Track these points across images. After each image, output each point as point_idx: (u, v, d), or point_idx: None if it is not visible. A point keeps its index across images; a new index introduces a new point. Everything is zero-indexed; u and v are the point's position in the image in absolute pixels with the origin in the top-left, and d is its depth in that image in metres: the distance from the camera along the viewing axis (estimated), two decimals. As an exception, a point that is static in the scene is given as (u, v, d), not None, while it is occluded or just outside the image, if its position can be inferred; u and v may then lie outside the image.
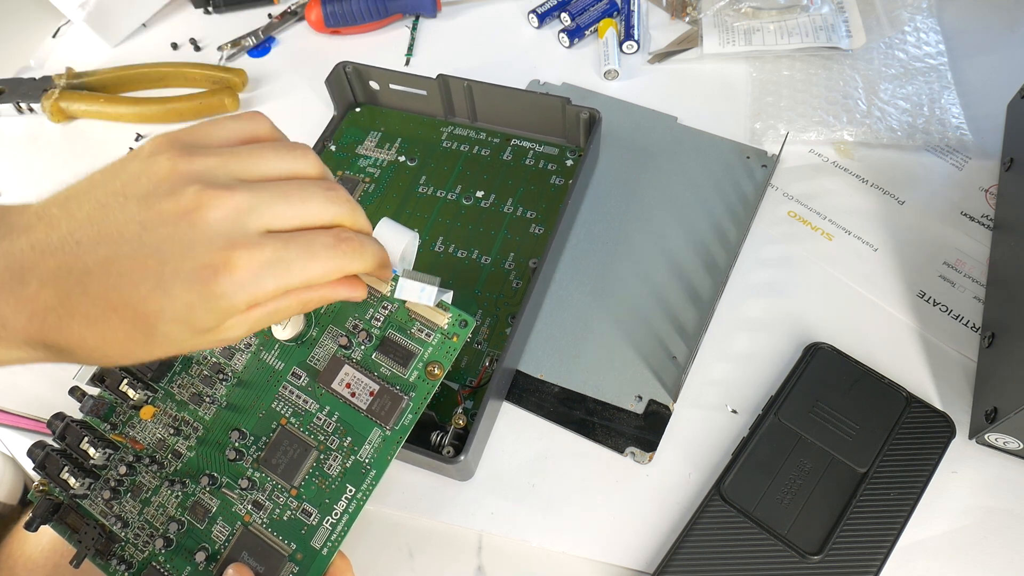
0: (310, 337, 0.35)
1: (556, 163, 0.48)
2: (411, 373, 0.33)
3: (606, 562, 0.36)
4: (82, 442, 0.34)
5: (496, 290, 0.43)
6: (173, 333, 0.24)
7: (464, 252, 0.45)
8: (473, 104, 0.49)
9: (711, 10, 0.55)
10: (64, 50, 0.60)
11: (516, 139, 0.50)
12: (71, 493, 0.34)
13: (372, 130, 0.51)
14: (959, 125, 0.48)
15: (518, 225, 0.46)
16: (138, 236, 0.24)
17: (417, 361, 0.33)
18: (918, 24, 0.53)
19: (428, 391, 0.33)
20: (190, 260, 0.24)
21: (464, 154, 0.49)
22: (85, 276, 0.23)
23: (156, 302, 0.24)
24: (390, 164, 0.49)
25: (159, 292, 0.23)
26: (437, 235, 0.46)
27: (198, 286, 0.24)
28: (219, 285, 0.24)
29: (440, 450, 0.37)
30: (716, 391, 0.40)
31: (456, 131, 0.50)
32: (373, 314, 0.34)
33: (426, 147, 0.50)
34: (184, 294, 0.24)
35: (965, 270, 0.43)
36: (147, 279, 0.23)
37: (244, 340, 0.35)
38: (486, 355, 0.41)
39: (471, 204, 0.47)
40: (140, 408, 0.35)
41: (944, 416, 0.38)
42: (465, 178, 0.48)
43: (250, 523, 0.32)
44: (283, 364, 0.35)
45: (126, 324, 0.24)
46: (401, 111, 0.52)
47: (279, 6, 0.60)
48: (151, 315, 0.24)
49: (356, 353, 0.34)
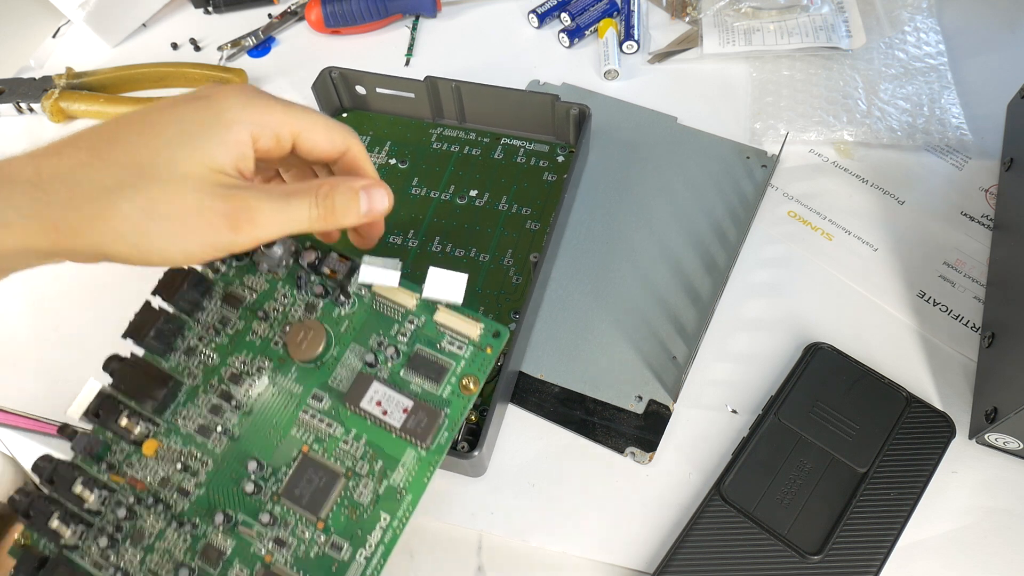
0: (330, 357, 0.33)
1: (547, 160, 0.48)
2: (444, 389, 0.32)
3: (606, 562, 0.36)
4: (74, 484, 0.30)
5: (497, 287, 0.43)
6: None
7: (462, 251, 0.45)
8: (462, 105, 0.49)
9: (711, 10, 0.55)
10: (64, 50, 0.60)
11: (506, 138, 0.49)
12: (61, 543, 0.30)
13: (361, 134, 0.51)
14: (959, 125, 0.48)
15: (514, 222, 0.46)
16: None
17: (450, 376, 0.32)
18: (918, 24, 0.53)
19: (464, 407, 0.31)
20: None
21: (455, 155, 0.49)
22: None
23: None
24: (381, 167, 0.49)
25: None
26: (433, 235, 0.46)
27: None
28: None
29: (455, 446, 0.37)
30: (716, 391, 0.40)
31: (445, 132, 0.50)
32: (399, 329, 0.33)
33: (416, 149, 0.50)
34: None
35: (965, 270, 0.43)
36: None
37: (256, 364, 0.33)
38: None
39: (465, 203, 0.47)
40: (141, 443, 0.32)
41: (944, 416, 0.38)
42: (457, 178, 0.48)
43: (272, 563, 0.30)
44: (302, 387, 0.33)
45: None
46: (389, 115, 0.52)
47: (279, 6, 0.60)
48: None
49: (383, 371, 0.32)
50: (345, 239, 0.35)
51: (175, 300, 0.34)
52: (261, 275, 0.35)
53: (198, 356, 0.34)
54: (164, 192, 0.26)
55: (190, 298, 0.34)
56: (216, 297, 0.35)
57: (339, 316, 0.34)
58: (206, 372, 0.33)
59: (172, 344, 0.34)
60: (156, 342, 0.33)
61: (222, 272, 0.35)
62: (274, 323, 0.34)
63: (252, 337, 0.34)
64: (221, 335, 0.34)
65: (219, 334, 0.34)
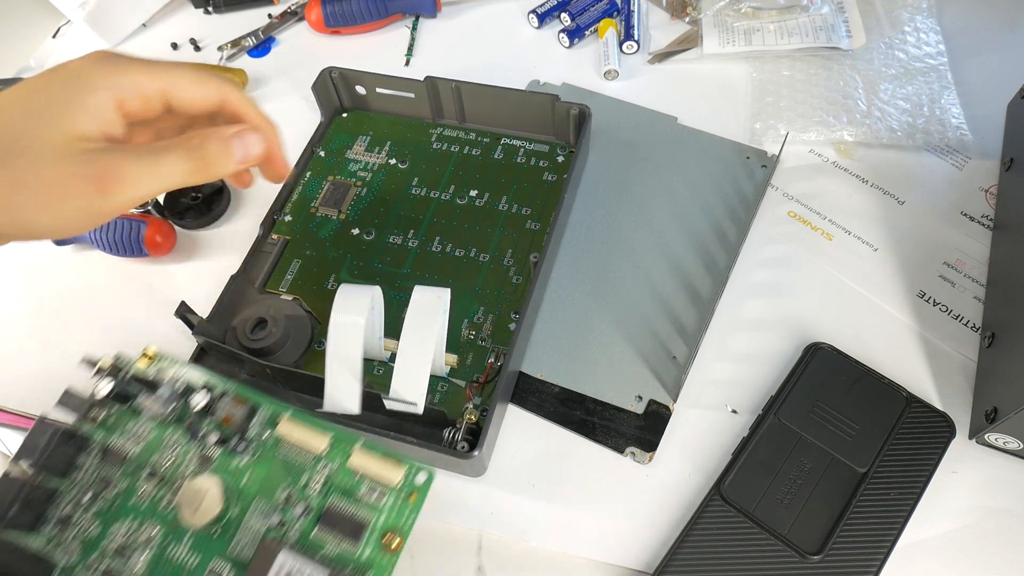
0: (229, 519, 0.29)
1: (548, 160, 0.48)
2: (363, 549, 0.29)
3: (606, 562, 0.36)
4: None
5: (496, 287, 0.43)
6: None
7: (462, 251, 0.45)
8: (462, 105, 0.49)
9: (711, 10, 0.55)
10: (64, 50, 0.60)
11: (506, 138, 0.49)
12: None
13: (360, 134, 0.51)
14: (959, 125, 0.48)
15: (514, 222, 0.46)
16: None
17: (369, 533, 0.29)
18: (918, 24, 0.53)
19: (389, 566, 0.28)
20: None
21: (455, 155, 0.49)
22: None
23: None
24: (381, 167, 0.49)
25: None
26: (434, 235, 0.46)
27: None
28: None
29: (454, 446, 0.37)
30: (716, 391, 0.40)
31: (445, 132, 0.50)
32: (308, 479, 0.30)
33: (416, 149, 0.50)
34: None
35: (965, 270, 0.43)
36: None
37: (145, 534, 0.29)
38: (491, 351, 0.41)
39: (465, 203, 0.47)
40: None
41: (944, 416, 0.38)
42: (457, 178, 0.48)
43: None
44: (198, 558, 0.29)
45: None
46: (389, 114, 0.51)
47: (279, 6, 0.60)
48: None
49: (292, 532, 0.29)
50: None
51: (42, 461, 0.29)
52: (146, 421, 0.32)
53: (75, 527, 0.30)
54: (28, 164, 0.26)
55: (61, 455, 0.30)
56: (93, 453, 0.31)
57: (238, 467, 0.31)
58: (85, 547, 0.29)
59: (43, 515, 0.30)
60: (21, 516, 0.29)
61: (100, 420, 0.32)
62: (164, 480, 0.30)
63: (137, 499, 0.30)
64: (100, 499, 0.30)
65: (97, 498, 0.30)
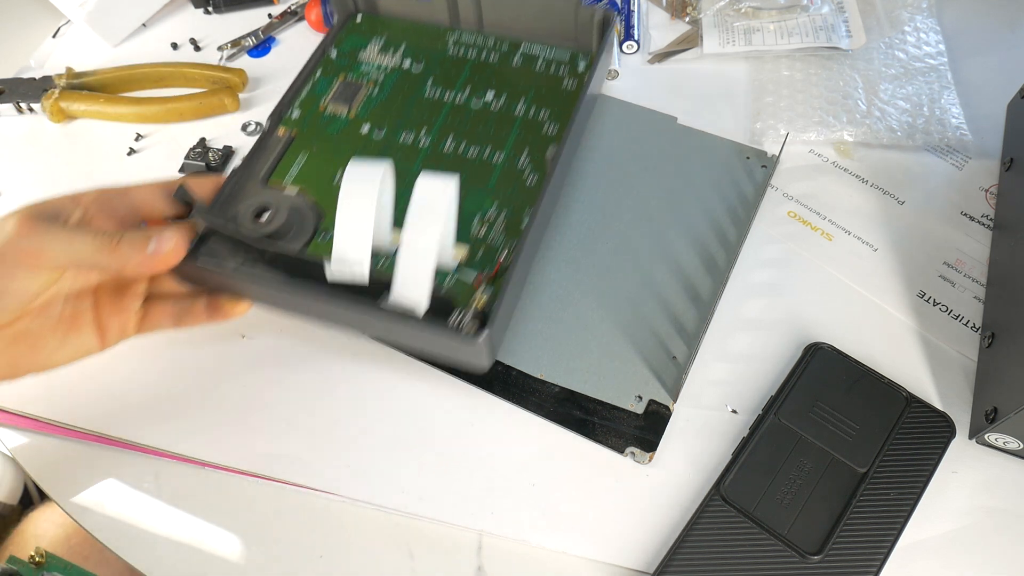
0: None
1: (568, 67, 0.47)
2: None
3: (606, 562, 0.36)
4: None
5: (510, 186, 0.42)
6: None
7: (476, 149, 0.44)
8: (480, 9, 0.49)
9: (711, 10, 0.55)
10: (64, 50, 0.60)
11: (526, 45, 0.49)
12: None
13: (375, 36, 0.50)
14: (959, 125, 0.48)
15: (530, 126, 0.45)
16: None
17: None
18: (918, 24, 0.53)
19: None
20: None
21: (471, 61, 0.48)
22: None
23: None
24: (394, 70, 0.48)
25: None
26: (447, 134, 0.45)
27: None
28: None
29: (459, 328, 0.35)
30: (716, 391, 0.40)
31: (463, 37, 0.49)
32: None
33: (431, 55, 0.49)
34: None
35: (965, 270, 0.43)
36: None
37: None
38: (502, 248, 0.40)
39: (480, 107, 0.46)
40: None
41: (944, 416, 0.38)
42: (473, 82, 0.47)
43: None
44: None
45: None
46: (404, 19, 0.50)
47: (279, 6, 0.60)
48: None
49: None
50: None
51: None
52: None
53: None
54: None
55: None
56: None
57: None
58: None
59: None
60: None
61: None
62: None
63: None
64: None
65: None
